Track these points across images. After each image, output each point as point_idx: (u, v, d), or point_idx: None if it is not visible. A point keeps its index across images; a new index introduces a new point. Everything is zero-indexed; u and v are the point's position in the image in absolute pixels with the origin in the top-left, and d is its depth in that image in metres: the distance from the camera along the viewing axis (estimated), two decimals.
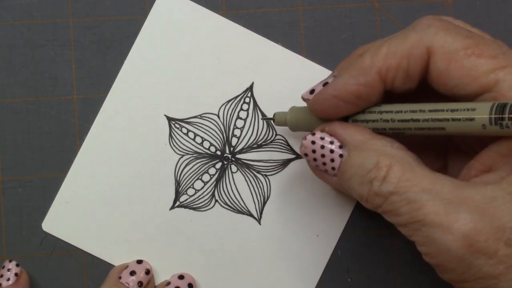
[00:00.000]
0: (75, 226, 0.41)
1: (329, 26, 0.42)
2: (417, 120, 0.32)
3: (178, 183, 0.41)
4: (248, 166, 0.41)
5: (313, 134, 0.35)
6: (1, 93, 0.41)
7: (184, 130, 0.41)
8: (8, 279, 0.38)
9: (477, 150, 0.33)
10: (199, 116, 0.42)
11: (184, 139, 0.41)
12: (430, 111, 0.32)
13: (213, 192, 0.41)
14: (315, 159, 0.36)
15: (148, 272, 0.39)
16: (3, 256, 0.41)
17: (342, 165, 0.35)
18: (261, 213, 0.41)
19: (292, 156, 0.41)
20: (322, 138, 0.35)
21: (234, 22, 0.42)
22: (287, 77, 0.42)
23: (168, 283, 0.39)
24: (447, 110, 0.31)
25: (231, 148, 0.41)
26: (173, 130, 0.41)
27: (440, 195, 0.31)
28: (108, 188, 0.41)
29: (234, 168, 0.41)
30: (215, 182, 0.41)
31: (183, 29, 0.42)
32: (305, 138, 0.36)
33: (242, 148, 0.41)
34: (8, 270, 0.39)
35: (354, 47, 0.38)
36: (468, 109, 0.31)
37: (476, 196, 0.31)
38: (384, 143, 0.33)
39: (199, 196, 0.41)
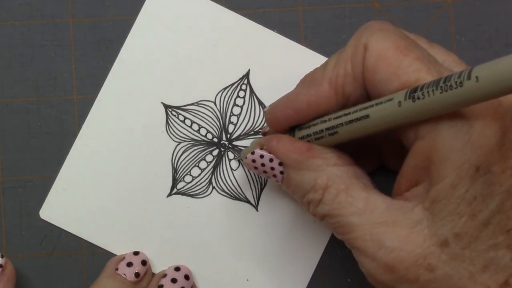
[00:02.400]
0: (72, 213, 0.41)
1: (329, 26, 0.42)
2: (348, 113, 0.33)
3: (175, 170, 0.41)
4: None
5: (253, 153, 0.36)
6: (1, 93, 0.41)
7: (181, 118, 0.42)
8: None
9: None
10: (195, 104, 0.42)
11: (181, 126, 0.41)
12: (361, 104, 0.33)
13: (210, 179, 0.41)
14: (258, 173, 0.37)
15: (144, 263, 0.40)
16: None
17: (284, 182, 0.36)
18: (258, 200, 0.41)
19: None
20: (261, 156, 0.36)
21: (231, 10, 0.42)
22: (284, 64, 0.42)
23: (165, 275, 0.39)
24: (374, 100, 0.32)
25: (228, 135, 0.42)
26: (169, 118, 0.41)
27: (370, 219, 0.32)
28: (106, 175, 0.41)
29: (231, 155, 0.41)
30: (212, 169, 0.41)
31: (180, 16, 0.42)
32: (246, 157, 0.36)
33: (239, 135, 0.42)
34: None
35: None
36: (390, 97, 0.32)
37: (404, 221, 0.32)
38: (321, 162, 0.34)
39: (196, 183, 0.41)
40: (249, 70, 0.42)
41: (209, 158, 0.42)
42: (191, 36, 0.42)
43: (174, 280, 0.39)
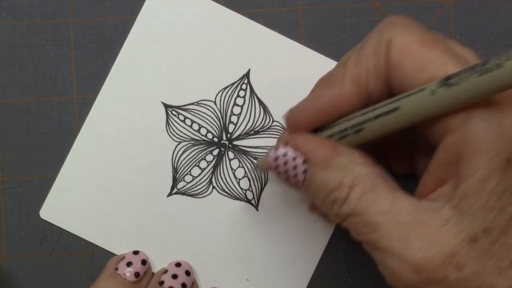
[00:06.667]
0: (73, 213, 0.41)
1: (329, 26, 0.42)
2: (375, 108, 0.32)
3: (175, 170, 0.41)
4: (245, 153, 0.41)
5: (276, 150, 0.35)
6: (1, 93, 0.41)
7: (181, 117, 0.41)
8: None
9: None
10: (196, 103, 0.42)
11: (181, 126, 0.41)
12: (390, 99, 0.32)
13: (211, 179, 0.41)
14: (278, 173, 0.35)
15: (144, 262, 0.40)
16: (3, 256, 0.41)
17: (306, 182, 0.34)
18: (258, 200, 0.41)
19: None
20: (285, 154, 0.34)
21: (231, 10, 0.42)
22: (284, 64, 0.42)
23: (166, 271, 0.39)
24: (403, 93, 0.32)
25: (228, 135, 0.42)
26: (170, 117, 0.41)
27: (397, 219, 0.31)
28: (106, 175, 0.41)
29: (231, 154, 0.41)
30: (212, 169, 0.41)
31: (180, 16, 0.42)
32: (268, 156, 0.35)
33: (239, 135, 0.42)
34: None
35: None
36: (421, 88, 0.31)
37: (431, 221, 0.31)
38: (348, 160, 0.33)
39: (196, 182, 0.41)
40: (249, 70, 0.42)
41: (209, 157, 0.42)
42: (191, 35, 0.42)
43: (175, 276, 0.39)
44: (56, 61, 0.42)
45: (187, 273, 0.39)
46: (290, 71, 0.41)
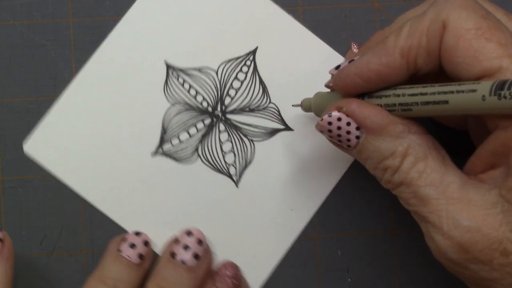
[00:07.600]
0: (56, 153, 0.41)
1: (329, 26, 0.42)
2: (425, 94, 0.32)
3: (164, 131, 0.41)
4: (236, 128, 0.41)
5: (330, 115, 0.35)
6: (1, 93, 0.41)
7: (181, 80, 0.41)
8: None
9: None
10: (198, 69, 0.42)
11: (179, 89, 0.41)
12: (439, 86, 0.32)
13: (197, 147, 0.41)
14: (330, 136, 0.35)
15: (146, 243, 0.39)
16: None
17: (358, 146, 0.34)
18: (240, 176, 0.41)
19: (281, 127, 0.42)
20: (339, 119, 0.34)
21: None
22: (292, 50, 0.42)
23: (177, 241, 0.39)
24: (453, 85, 0.32)
25: (223, 107, 0.42)
26: (169, 78, 0.41)
27: (446, 194, 0.32)
28: (96, 122, 0.41)
29: (222, 126, 0.41)
30: (200, 137, 0.41)
31: None
32: (322, 119, 0.35)
33: (234, 109, 0.42)
34: None
35: None
36: (473, 83, 0.31)
37: (479, 201, 0.31)
38: (402, 129, 0.33)
39: (182, 147, 0.41)
40: (257, 47, 0.42)
41: (200, 125, 0.41)
42: (205, 6, 0.42)
43: (186, 247, 0.39)
44: (56, 61, 0.42)
45: (199, 242, 0.39)
46: (297, 58, 0.41)
